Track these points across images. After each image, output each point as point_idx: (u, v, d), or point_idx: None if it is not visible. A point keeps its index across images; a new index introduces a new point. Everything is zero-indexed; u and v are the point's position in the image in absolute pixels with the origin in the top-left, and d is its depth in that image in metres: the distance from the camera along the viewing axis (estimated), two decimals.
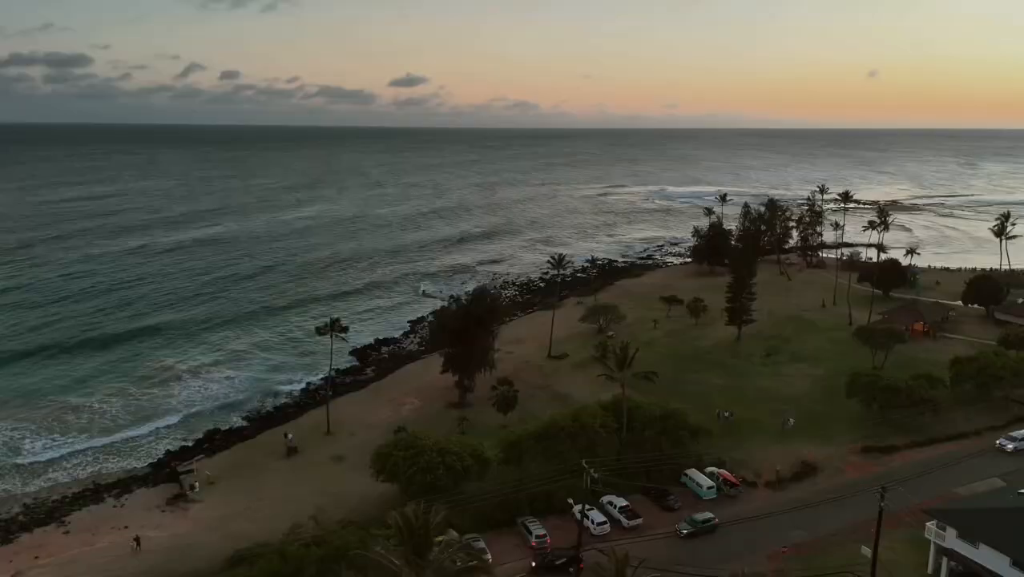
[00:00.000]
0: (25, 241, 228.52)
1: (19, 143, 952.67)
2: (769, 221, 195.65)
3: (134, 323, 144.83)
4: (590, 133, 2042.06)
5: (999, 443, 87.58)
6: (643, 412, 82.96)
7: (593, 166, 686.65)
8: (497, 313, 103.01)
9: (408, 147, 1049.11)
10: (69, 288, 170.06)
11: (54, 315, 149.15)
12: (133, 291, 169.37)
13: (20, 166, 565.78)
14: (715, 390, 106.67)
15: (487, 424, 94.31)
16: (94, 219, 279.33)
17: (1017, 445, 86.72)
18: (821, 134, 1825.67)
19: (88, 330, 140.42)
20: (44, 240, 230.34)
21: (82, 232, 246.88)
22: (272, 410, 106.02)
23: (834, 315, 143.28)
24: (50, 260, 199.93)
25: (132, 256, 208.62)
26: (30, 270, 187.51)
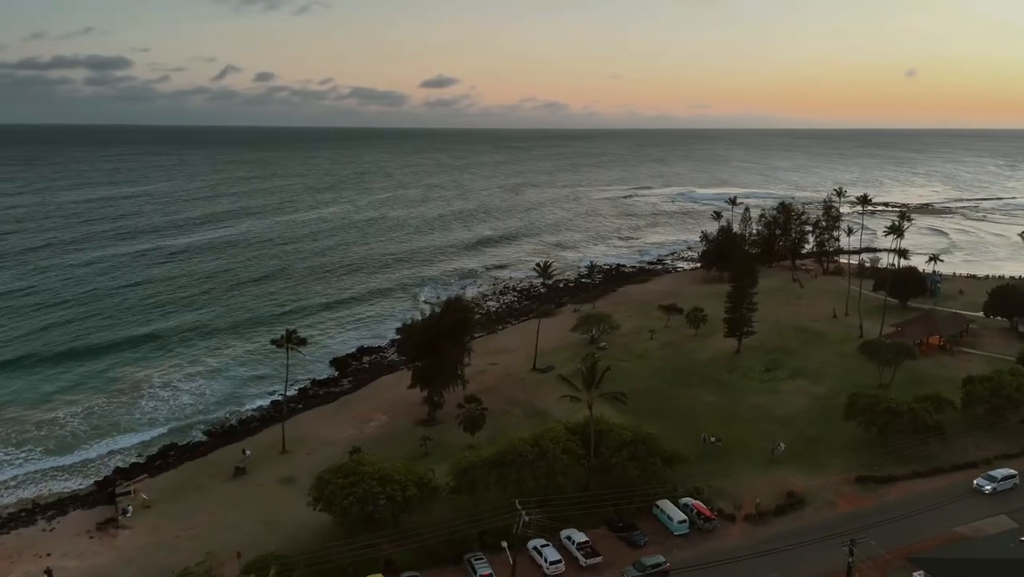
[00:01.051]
0: (34, 244, 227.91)
1: (58, 144, 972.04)
2: (784, 225, 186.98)
3: (119, 332, 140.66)
4: (619, 133, 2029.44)
5: (976, 483, 77.87)
6: (613, 436, 76.25)
7: (620, 167, 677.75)
8: (468, 325, 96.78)
9: (437, 147, 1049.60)
10: (63, 294, 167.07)
11: (42, 322, 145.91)
12: (125, 298, 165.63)
13: (53, 166, 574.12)
14: (705, 408, 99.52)
15: (454, 444, 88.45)
16: (108, 222, 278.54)
17: (998, 486, 77.00)
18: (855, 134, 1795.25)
19: (73, 339, 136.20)
20: (53, 243, 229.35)
21: (92, 236, 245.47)
22: (236, 424, 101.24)
23: (845, 326, 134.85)
24: (52, 265, 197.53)
25: (135, 261, 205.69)
26: (31, 276, 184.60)
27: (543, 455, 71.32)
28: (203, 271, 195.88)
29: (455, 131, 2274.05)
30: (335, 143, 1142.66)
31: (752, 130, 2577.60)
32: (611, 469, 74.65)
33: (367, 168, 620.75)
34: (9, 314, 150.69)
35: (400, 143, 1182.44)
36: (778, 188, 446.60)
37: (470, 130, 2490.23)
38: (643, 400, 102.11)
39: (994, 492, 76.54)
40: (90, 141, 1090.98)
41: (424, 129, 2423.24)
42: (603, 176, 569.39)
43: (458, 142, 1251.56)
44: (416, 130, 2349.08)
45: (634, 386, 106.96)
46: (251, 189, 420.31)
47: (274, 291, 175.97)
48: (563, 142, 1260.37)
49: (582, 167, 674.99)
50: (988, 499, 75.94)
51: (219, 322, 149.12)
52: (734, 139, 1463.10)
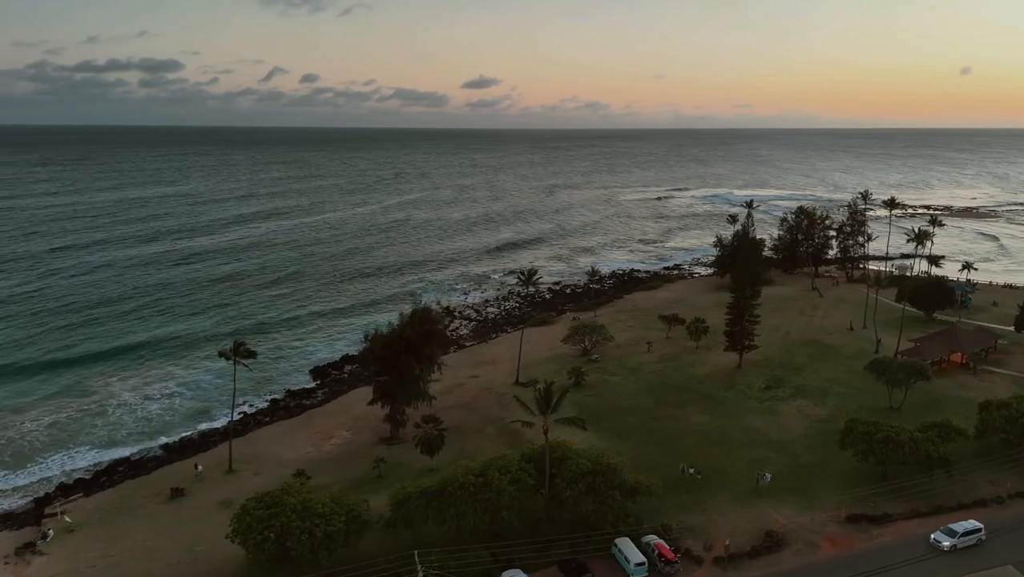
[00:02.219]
0: (55, 244, 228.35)
1: (110, 144, 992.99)
2: (807, 230, 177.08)
3: (109, 340, 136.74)
4: (660, 133, 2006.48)
5: (933, 538, 67.38)
6: (571, 465, 69.30)
7: (658, 167, 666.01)
8: (434, 337, 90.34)
9: (475, 148, 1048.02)
10: (66, 299, 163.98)
11: (36, 328, 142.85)
12: (127, 304, 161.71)
13: (98, 166, 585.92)
14: (693, 431, 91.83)
15: (412, 466, 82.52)
16: (134, 223, 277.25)
17: (958, 542, 66.76)
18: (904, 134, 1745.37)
19: (61, 347, 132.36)
20: (73, 245, 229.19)
21: (113, 238, 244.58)
22: (196, 437, 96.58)
23: (861, 340, 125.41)
24: (64, 268, 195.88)
25: (148, 265, 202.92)
26: (41, 279, 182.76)
27: (487, 486, 64.78)
28: (215, 275, 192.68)
29: (495, 131, 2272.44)
30: (376, 144, 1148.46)
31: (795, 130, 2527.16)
32: (564, 503, 67.72)
33: (404, 169, 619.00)
34: (4, 320, 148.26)
35: (440, 144, 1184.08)
36: (818, 190, 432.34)
37: (510, 130, 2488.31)
38: (627, 419, 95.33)
39: (954, 549, 66.47)
40: (140, 142, 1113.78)
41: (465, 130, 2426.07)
42: (641, 177, 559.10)
43: (497, 142, 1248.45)
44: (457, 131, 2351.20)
45: (620, 403, 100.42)
46: (285, 190, 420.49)
47: (279, 296, 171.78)
48: (603, 142, 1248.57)
49: (620, 167, 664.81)
50: (948, 558, 65.77)
51: (215, 329, 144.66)
52: (776, 139, 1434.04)
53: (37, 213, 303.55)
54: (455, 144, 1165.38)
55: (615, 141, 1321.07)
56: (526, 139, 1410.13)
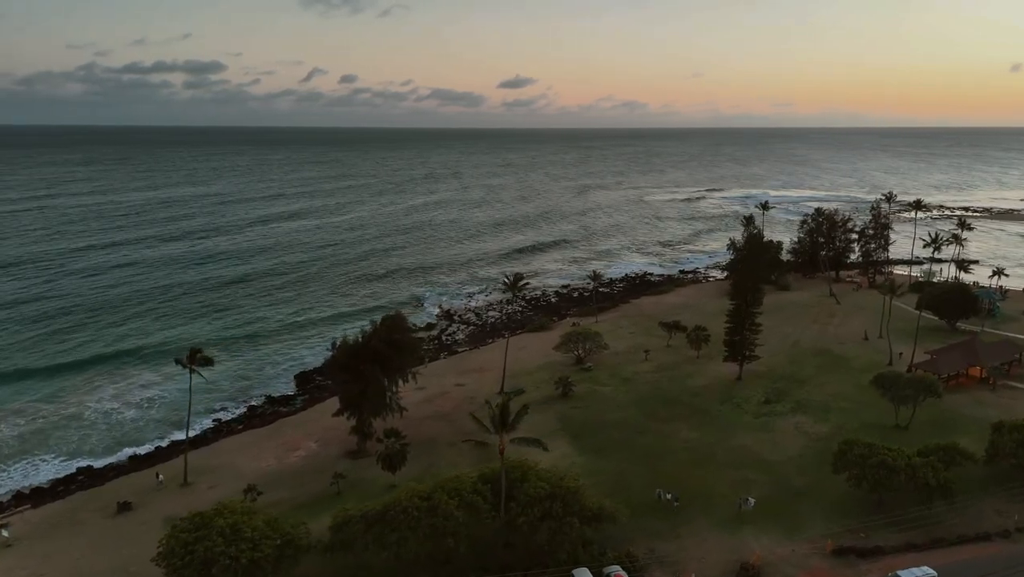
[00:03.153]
0: (77, 245, 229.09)
1: (153, 144, 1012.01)
2: (827, 233, 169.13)
3: (101, 345, 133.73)
4: (698, 133, 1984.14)
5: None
6: (528, 488, 64.32)
7: (695, 167, 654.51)
8: (400, 347, 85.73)
9: (510, 147, 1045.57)
10: (72, 302, 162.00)
11: (33, 331, 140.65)
12: (127, 308, 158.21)
13: (137, 166, 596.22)
14: (680, 448, 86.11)
15: (375, 482, 78.41)
16: (156, 225, 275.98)
17: None
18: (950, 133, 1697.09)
19: (53, 352, 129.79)
20: (93, 246, 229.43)
21: (131, 239, 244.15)
22: (166, 446, 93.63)
23: (876, 350, 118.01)
24: (76, 270, 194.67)
25: (161, 266, 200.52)
26: (53, 281, 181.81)
27: (433, 511, 60.18)
28: (225, 277, 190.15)
29: (530, 131, 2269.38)
30: (411, 144, 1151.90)
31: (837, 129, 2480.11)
32: (518, 529, 62.75)
33: (436, 168, 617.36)
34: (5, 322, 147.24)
35: (474, 143, 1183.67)
36: (856, 190, 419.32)
37: (545, 130, 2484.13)
38: (611, 434, 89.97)
39: None
40: (182, 142, 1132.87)
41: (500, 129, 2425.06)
42: (674, 177, 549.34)
43: (531, 142, 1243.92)
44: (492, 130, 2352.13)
45: (607, 416, 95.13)
46: (314, 190, 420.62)
47: (284, 300, 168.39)
48: (638, 142, 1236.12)
49: (654, 167, 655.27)
50: None
51: (212, 334, 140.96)
52: (817, 138, 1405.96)
53: (67, 212, 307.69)
54: (489, 144, 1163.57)
55: (651, 140, 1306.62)
56: (561, 138, 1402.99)
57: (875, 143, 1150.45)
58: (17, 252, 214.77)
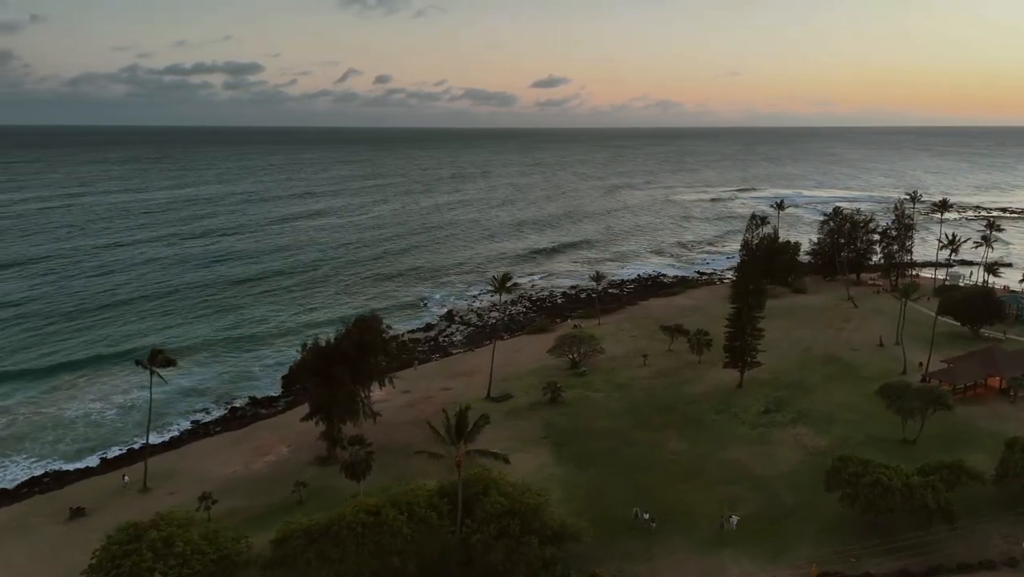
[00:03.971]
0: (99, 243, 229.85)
1: (191, 144, 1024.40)
2: (848, 234, 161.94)
3: (99, 345, 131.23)
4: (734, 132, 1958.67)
5: None
6: (487, 504, 60.17)
7: (728, 167, 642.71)
8: (371, 349, 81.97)
9: (542, 147, 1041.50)
10: (79, 299, 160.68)
11: (33, 330, 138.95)
12: (134, 307, 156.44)
13: (171, 165, 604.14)
14: (667, 460, 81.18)
15: (341, 491, 74.64)
16: (178, 224, 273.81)
17: None
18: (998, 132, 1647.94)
19: (49, 352, 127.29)
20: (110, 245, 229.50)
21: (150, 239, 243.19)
22: (136, 448, 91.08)
23: (890, 358, 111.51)
24: (89, 268, 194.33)
25: (171, 266, 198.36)
26: (62, 281, 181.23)
27: (379, 527, 56.39)
28: (236, 276, 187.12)
29: (562, 130, 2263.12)
30: (443, 143, 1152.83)
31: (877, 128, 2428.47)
32: (473, 548, 58.60)
33: (465, 168, 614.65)
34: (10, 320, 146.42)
35: (506, 143, 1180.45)
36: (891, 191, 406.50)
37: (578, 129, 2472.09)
38: (595, 443, 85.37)
39: None
40: (219, 141, 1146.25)
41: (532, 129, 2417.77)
42: (707, 176, 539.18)
43: (563, 141, 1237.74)
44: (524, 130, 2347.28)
45: (594, 424, 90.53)
46: (341, 189, 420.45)
47: (291, 300, 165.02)
48: (672, 141, 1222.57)
49: (687, 167, 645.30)
50: None
51: (212, 335, 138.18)
52: (856, 138, 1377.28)
53: (94, 209, 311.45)
54: (521, 143, 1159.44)
55: (686, 140, 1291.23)
56: (593, 138, 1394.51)
57: (916, 142, 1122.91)
58: (34, 250, 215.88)
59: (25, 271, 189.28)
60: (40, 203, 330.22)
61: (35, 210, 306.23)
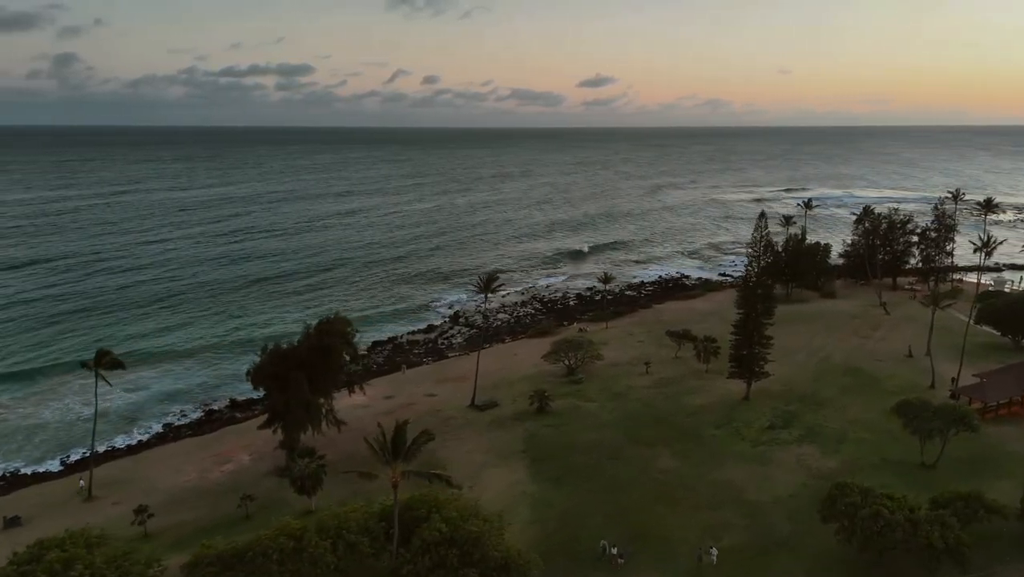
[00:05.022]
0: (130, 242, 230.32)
1: (243, 144, 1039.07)
2: (884, 235, 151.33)
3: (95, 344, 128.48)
4: (784, 131, 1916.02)
5: None
6: (425, 531, 54.04)
7: (777, 166, 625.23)
8: (331, 354, 76.30)
9: (586, 146, 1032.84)
10: (89, 300, 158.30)
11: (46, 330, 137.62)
12: (142, 307, 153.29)
13: (218, 164, 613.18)
14: (652, 480, 73.92)
15: (293, 505, 69.62)
16: (212, 222, 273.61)
17: None
18: None
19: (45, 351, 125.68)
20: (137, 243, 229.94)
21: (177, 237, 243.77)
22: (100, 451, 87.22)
23: (917, 370, 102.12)
24: (110, 267, 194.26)
25: (192, 265, 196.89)
26: (82, 278, 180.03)
27: (299, 553, 50.80)
28: (254, 275, 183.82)
29: (609, 130, 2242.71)
30: (489, 143, 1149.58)
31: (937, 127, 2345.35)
32: None
33: (508, 167, 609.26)
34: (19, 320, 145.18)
35: (551, 142, 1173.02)
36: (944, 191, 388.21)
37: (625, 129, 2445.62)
38: (577, 458, 78.58)
39: None
40: (269, 141, 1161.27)
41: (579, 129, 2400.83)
42: (755, 176, 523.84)
43: (609, 140, 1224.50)
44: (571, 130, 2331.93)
45: (580, 437, 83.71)
46: (381, 188, 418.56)
47: (301, 302, 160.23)
48: (720, 140, 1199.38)
49: (734, 166, 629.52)
50: None
51: (216, 337, 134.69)
52: (914, 137, 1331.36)
53: (133, 206, 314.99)
54: (566, 143, 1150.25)
55: (734, 139, 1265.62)
56: (640, 137, 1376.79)
57: (977, 141, 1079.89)
58: (61, 247, 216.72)
59: (44, 268, 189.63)
60: (84, 200, 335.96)
61: (77, 207, 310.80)
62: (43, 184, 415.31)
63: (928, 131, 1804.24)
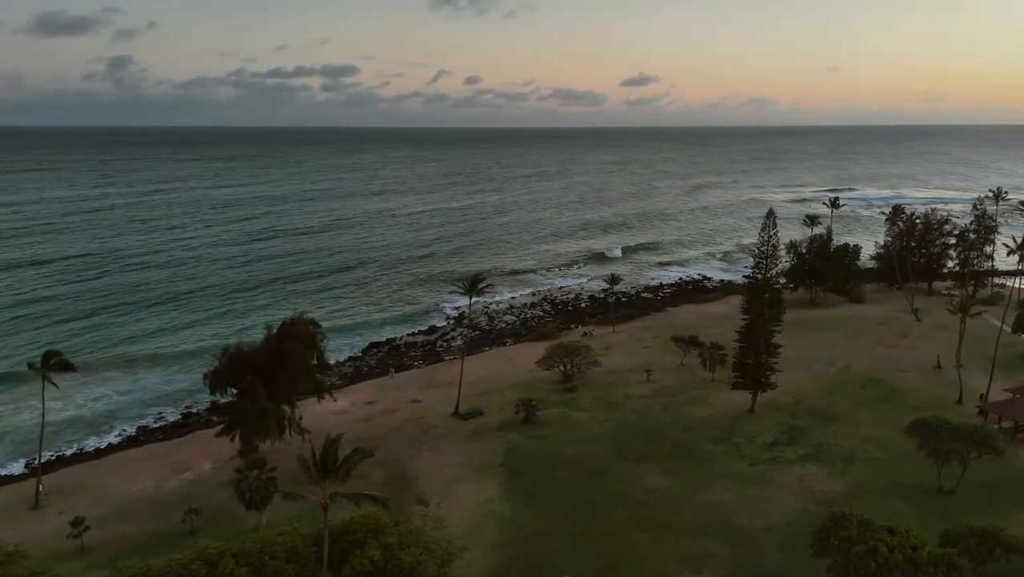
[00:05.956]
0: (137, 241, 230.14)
1: (289, 144, 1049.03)
2: (920, 237, 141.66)
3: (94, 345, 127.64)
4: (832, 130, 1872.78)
5: None
6: (357, 559, 48.76)
7: (824, 166, 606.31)
8: (289, 358, 71.36)
9: (628, 145, 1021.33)
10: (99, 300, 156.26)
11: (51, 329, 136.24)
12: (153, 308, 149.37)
13: (260, 162, 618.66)
14: (636, 501, 67.61)
15: (245, 521, 65.10)
16: (238, 222, 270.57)
17: None
18: None
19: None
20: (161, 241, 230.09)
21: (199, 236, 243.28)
22: (67, 454, 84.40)
23: (944, 383, 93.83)
24: (131, 264, 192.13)
25: (210, 263, 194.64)
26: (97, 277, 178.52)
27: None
28: (269, 275, 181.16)
29: (652, 129, 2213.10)
30: (529, 142, 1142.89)
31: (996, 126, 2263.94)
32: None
33: (546, 167, 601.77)
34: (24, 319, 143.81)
35: (592, 141, 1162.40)
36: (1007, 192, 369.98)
37: (668, 128, 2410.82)
38: (558, 474, 72.72)
39: None
40: (313, 141, 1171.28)
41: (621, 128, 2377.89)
42: (801, 175, 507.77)
43: (652, 140, 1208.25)
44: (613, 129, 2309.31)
45: (565, 451, 77.77)
46: (415, 187, 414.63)
47: (311, 304, 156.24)
48: (765, 139, 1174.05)
49: (779, 165, 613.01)
50: None
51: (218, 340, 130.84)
52: (971, 136, 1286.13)
53: (166, 204, 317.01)
54: (607, 142, 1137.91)
55: (780, 138, 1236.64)
56: (683, 136, 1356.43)
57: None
58: (87, 246, 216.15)
59: (63, 265, 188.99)
60: (121, 198, 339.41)
61: (113, 205, 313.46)
62: (86, 182, 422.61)
63: (985, 130, 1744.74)
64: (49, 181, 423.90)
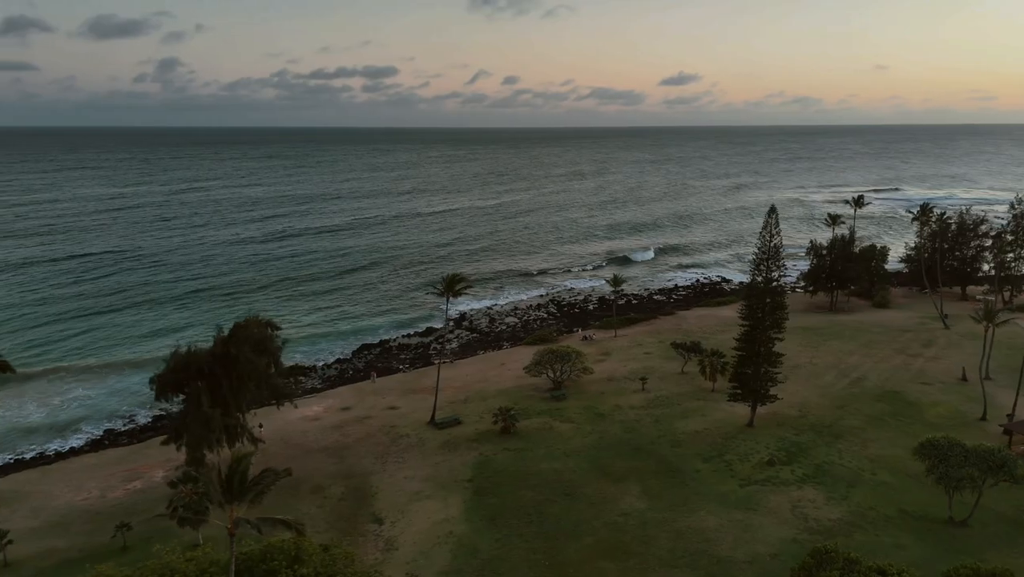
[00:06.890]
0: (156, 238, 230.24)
1: (331, 143, 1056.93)
2: (953, 239, 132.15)
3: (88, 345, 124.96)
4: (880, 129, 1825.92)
5: None
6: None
7: (871, 166, 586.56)
8: (236, 364, 66.24)
9: (666, 144, 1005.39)
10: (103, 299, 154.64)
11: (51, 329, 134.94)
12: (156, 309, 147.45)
13: (292, 161, 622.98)
14: (608, 526, 61.42)
15: (182, 537, 60.12)
16: (257, 221, 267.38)
17: None
18: None
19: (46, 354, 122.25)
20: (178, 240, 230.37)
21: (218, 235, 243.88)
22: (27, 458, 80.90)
23: (969, 397, 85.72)
24: (147, 263, 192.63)
25: (226, 263, 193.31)
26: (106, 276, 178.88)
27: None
28: (278, 275, 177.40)
29: (692, 128, 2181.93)
30: (567, 142, 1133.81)
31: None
32: None
33: (583, 165, 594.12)
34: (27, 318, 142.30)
35: (631, 140, 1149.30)
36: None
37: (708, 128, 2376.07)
38: (529, 493, 66.78)
39: None
40: (353, 141, 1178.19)
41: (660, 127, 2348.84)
42: (846, 176, 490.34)
43: (691, 139, 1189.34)
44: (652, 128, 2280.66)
45: (541, 467, 71.85)
46: (444, 186, 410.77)
47: (316, 306, 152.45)
48: (809, 138, 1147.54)
49: (824, 165, 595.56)
50: None
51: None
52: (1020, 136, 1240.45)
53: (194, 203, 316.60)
54: (646, 141, 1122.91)
55: (825, 137, 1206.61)
56: (724, 136, 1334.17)
57: None
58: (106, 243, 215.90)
59: (77, 263, 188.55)
60: (152, 196, 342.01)
61: (142, 203, 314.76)
62: (124, 180, 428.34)
63: None
64: (88, 180, 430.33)
